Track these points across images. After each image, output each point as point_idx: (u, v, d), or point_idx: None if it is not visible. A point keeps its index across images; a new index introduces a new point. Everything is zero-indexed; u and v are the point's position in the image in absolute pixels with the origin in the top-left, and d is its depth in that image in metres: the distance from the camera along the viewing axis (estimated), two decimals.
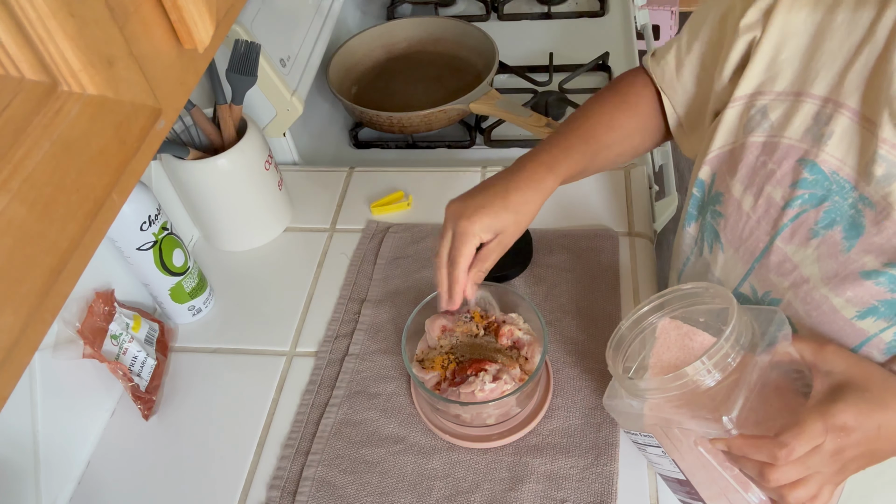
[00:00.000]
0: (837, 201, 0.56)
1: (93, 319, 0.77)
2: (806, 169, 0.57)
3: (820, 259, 0.57)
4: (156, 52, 0.43)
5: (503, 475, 0.71)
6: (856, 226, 0.55)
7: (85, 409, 0.79)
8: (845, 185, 0.55)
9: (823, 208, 0.56)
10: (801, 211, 0.58)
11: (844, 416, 0.49)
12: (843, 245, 0.55)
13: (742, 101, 0.61)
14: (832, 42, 0.56)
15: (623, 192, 0.97)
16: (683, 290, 0.60)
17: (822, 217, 0.57)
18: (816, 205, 0.57)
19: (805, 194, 0.57)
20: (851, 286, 0.55)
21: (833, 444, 0.49)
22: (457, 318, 0.76)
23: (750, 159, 0.61)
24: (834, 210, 0.56)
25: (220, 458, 0.77)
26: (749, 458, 0.51)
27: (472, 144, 1.13)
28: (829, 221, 0.56)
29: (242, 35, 0.92)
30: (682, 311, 0.60)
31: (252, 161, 0.91)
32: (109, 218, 0.39)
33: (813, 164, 0.57)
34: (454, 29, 1.25)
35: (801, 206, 0.58)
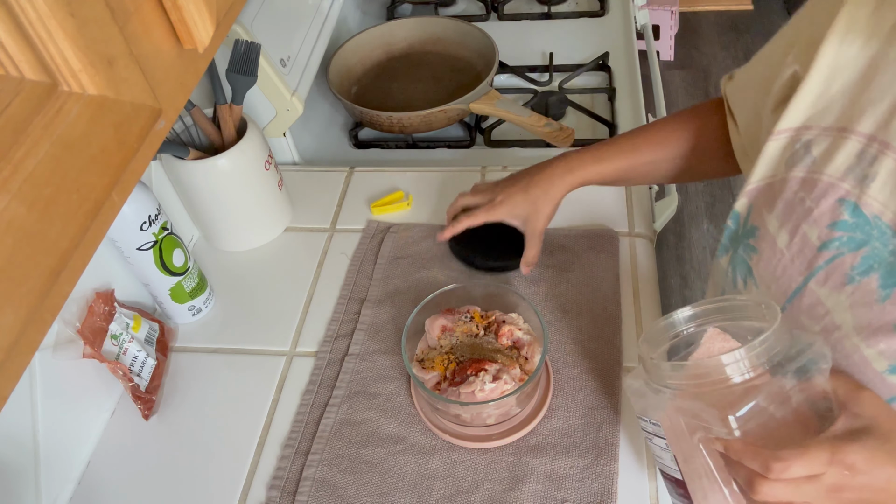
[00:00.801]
0: (877, 247, 0.53)
1: (93, 319, 0.77)
2: (846, 210, 0.55)
3: (853, 307, 0.55)
4: (156, 52, 0.43)
5: (503, 475, 0.71)
6: (894, 274, 0.52)
7: (85, 409, 0.80)
8: (886, 231, 0.53)
9: (861, 253, 0.54)
10: (838, 254, 0.55)
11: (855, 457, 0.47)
12: (879, 294, 0.53)
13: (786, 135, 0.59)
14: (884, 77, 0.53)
15: (623, 192, 0.97)
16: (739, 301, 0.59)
17: (860, 263, 0.54)
18: (854, 249, 0.54)
19: (843, 237, 0.55)
20: (885, 338, 0.52)
21: (834, 480, 0.48)
22: (457, 318, 0.76)
23: (788, 195, 0.58)
24: (872, 256, 0.53)
25: (220, 458, 0.77)
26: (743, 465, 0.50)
27: (472, 144, 1.13)
28: (866, 268, 0.54)
29: (242, 35, 0.92)
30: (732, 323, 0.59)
31: (252, 161, 0.91)
32: (109, 218, 0.39)
33: (854, 206, 0.54)
34: (454, 29, 1.25)
35: (839, 249, 0.55)
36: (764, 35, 3.01)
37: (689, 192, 2.32)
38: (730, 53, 2.81)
